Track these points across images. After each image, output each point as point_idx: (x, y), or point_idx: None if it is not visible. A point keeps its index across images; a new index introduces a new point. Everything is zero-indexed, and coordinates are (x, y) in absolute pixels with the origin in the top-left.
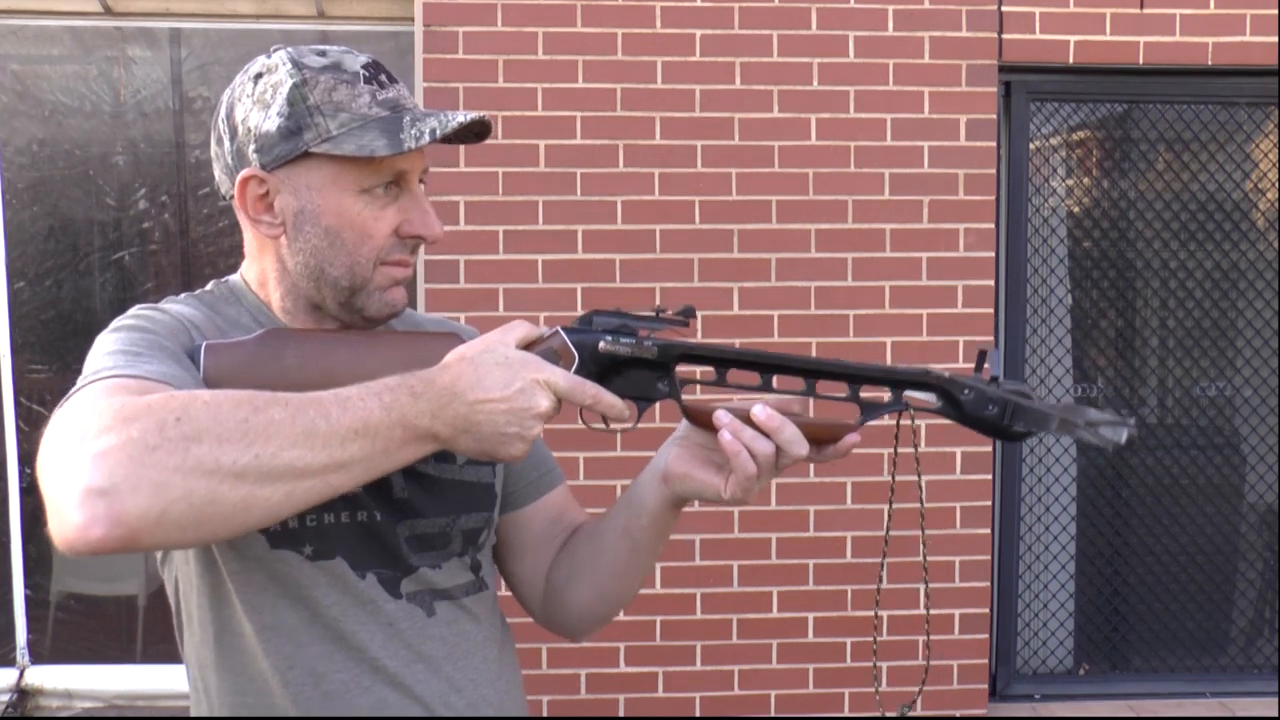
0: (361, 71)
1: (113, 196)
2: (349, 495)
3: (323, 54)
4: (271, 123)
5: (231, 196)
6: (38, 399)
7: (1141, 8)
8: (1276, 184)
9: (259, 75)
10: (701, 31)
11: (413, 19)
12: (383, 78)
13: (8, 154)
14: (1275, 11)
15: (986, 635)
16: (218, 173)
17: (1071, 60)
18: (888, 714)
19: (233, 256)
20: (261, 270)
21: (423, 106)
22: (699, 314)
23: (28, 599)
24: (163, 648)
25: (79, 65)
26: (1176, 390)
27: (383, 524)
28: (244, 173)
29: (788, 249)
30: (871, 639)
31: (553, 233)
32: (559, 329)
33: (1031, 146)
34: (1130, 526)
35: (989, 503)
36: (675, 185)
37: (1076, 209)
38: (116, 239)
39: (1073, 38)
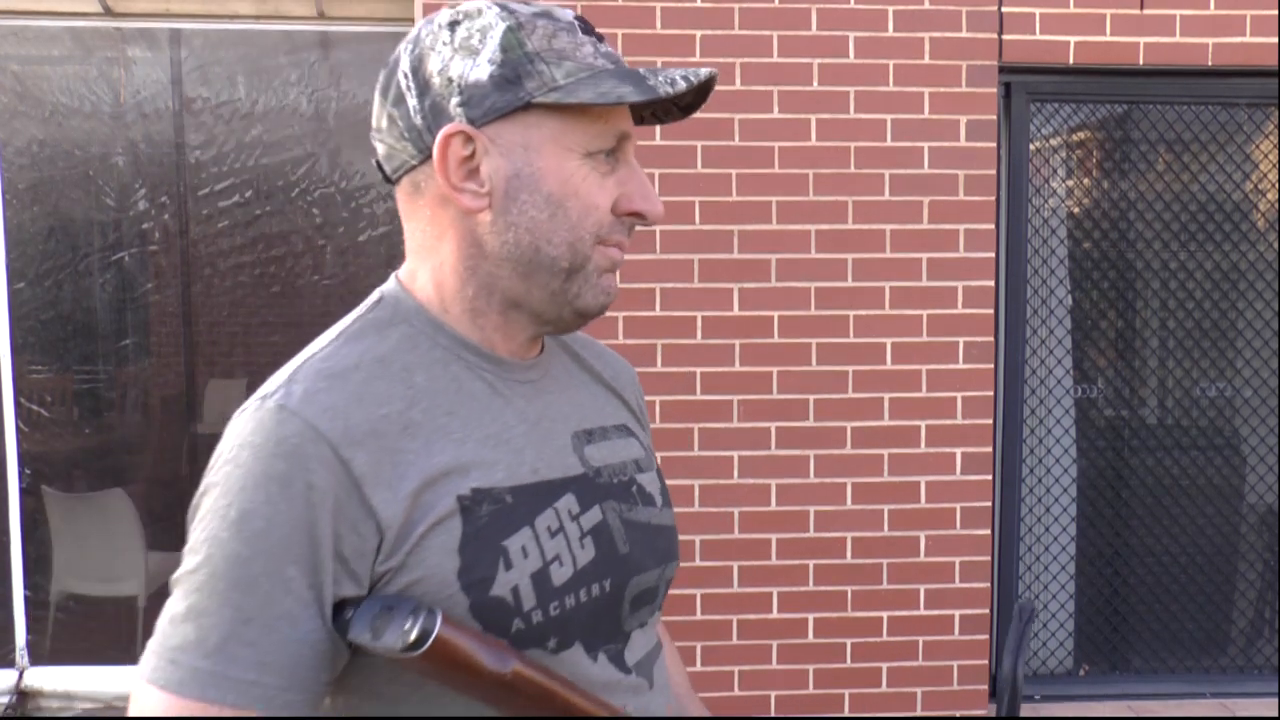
0: (576, 22)
1: (112, 197)
2: (584, 568)
3: (527, 2)
4: (482, 70)
5: (398, 177)
6: (38, 399)
7: (1141, 8)
8: (1276, 185)
9: (455, 22)
10: (701, 32)
11: (413, 19)
12: (598, 32)
13: (8, 154)
14: (1275, 12)
15: (986, 635)
16: (390, 143)
17: (1071, 61)
18: (887, 714)
19: (232, 256)
20: (438, 265)
21: None
22: (699, 314)
23: (27, 600)
24: None
25: (79, 65)
26: (1177, 391)
27: (612, 591)
28: (448, 128)
29: (788, 250)
30: (872, 639)
31: None
32: None
33: (1031, 147)
34: (1130, 527)
35: (989, 503)
36: (675, 185)
37: (1076, 210)
38: (116, 239)
39: (1073, 38)
